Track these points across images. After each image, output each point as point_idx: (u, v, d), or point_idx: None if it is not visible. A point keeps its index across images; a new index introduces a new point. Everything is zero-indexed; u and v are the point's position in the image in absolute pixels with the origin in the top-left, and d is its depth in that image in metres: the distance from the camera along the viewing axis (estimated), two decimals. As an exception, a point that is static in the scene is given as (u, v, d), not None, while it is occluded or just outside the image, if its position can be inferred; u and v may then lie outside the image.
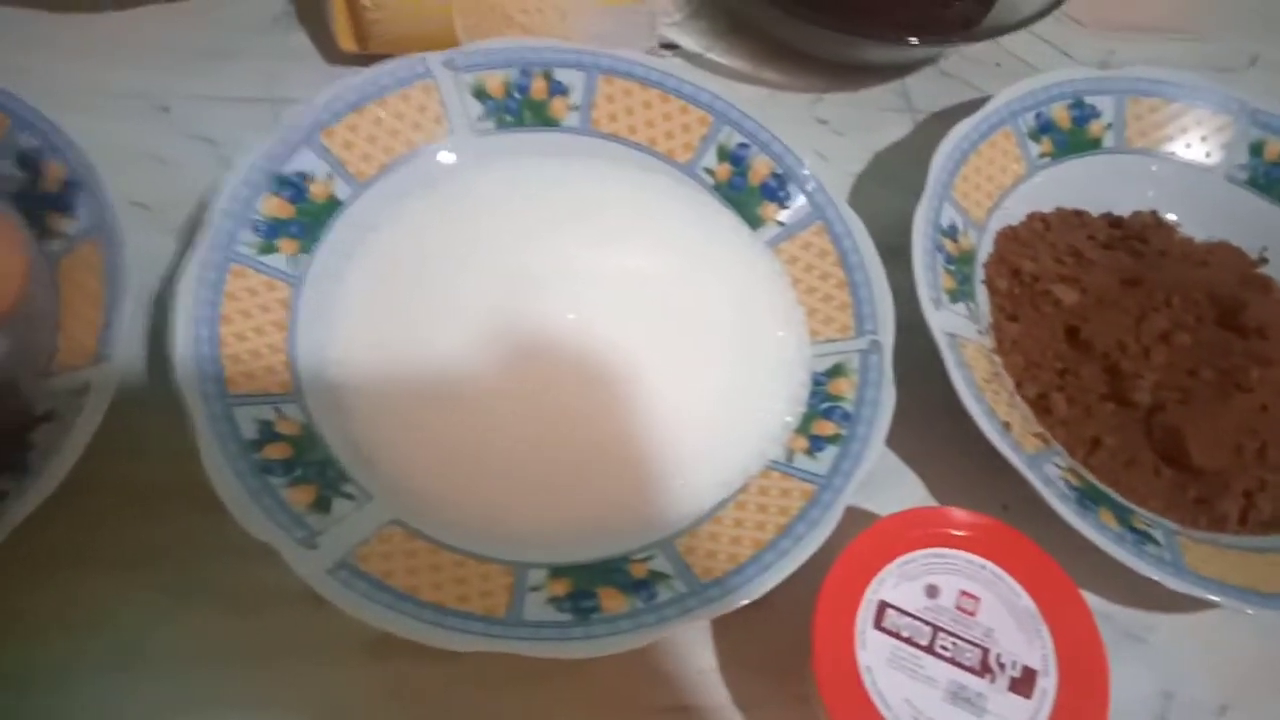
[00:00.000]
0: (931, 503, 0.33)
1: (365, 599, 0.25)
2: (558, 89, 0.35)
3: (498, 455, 0.29)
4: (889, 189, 0.39)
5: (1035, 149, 0.37)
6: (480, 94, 0.35)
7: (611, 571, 0.27)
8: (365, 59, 0.37)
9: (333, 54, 0.38)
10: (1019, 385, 0.33)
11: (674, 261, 0.33)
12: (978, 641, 0.25)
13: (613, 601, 0.26)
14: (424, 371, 0.30)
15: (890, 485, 0.33)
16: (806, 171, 0.34)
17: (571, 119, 0.35)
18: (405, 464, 0.28)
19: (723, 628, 0.29)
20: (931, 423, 0.32)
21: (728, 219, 0.34)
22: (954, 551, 0.26)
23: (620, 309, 0.32)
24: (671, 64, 0.36)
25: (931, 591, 0.26)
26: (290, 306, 0.30)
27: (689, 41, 0.41)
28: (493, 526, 0.28)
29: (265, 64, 0.38)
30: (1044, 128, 0.37)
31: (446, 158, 0.34)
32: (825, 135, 0.41)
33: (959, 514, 0.27)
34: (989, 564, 0.26)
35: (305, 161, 0.32)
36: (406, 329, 0.31)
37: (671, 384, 0.31)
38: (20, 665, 0.26)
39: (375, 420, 0.29)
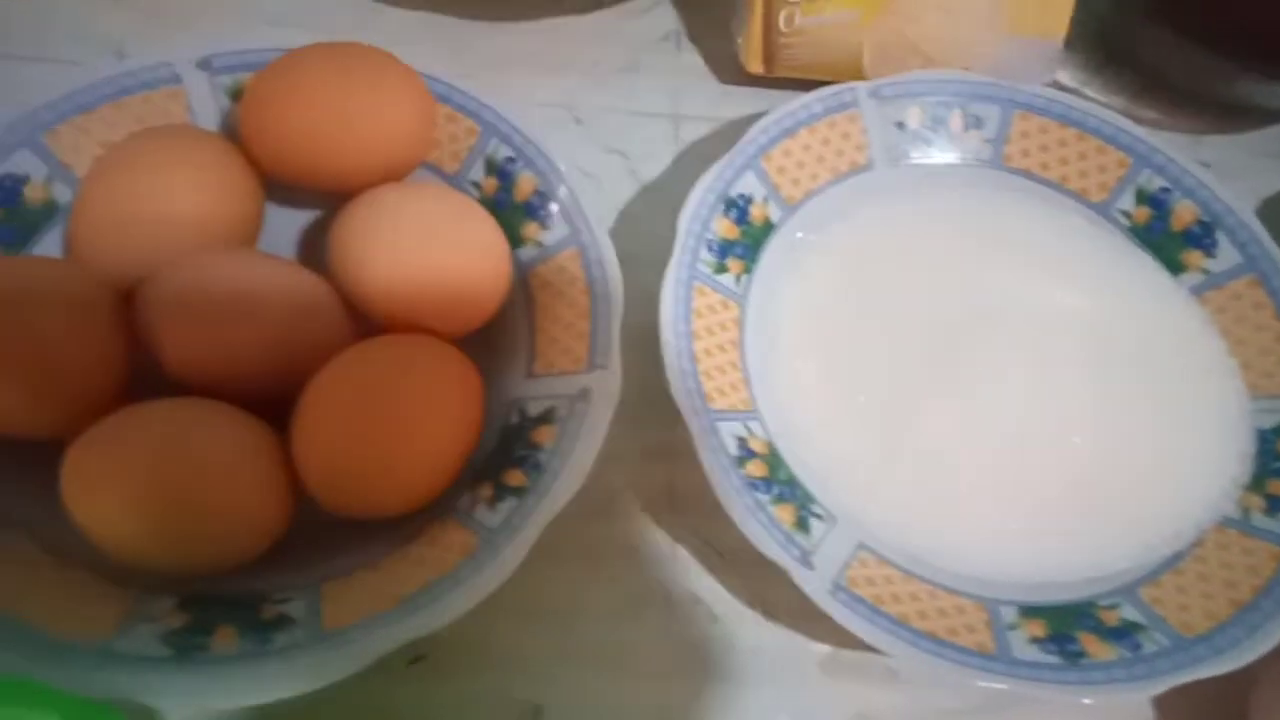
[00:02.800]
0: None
1: (869, 623, 0.25)
2: (973, 122, 0.35)
3: (950, 486, 0.29)
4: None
5: None
6: (900, 124, 0.35)
7: (1082, 616, 0.27)
8: (762, 81, 0.38)
9: (726, 73, 0.39)
10: None
11: (1101, 303, 0.33)
12: None
13: (1097, 648, 0.26)
14: (868, 398, 0.31)
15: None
16: (1239, 220, 0.33)
17: (984, 152, 0.36)
18: (861, 490, 0.29)
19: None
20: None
21: (1147, 263, 0.34)
22: None
23: (1053, 349, 0.31)
24: (1089, 104, 0.35)
25: None
26: (740, 325, 0.31)
27: (1065, 75, 0.41)
28: (954, 560, 0.28)
29: (663, 80, 0.39)
30: None
31: (866, 186, 0.35)
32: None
33: None
34: None
35: (748, 184, 0.33)
36: (844, 357, 0.31)
37: (1109, 428, 0.31)
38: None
39: (826, 445, 0.30)
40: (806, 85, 0.37)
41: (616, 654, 0.28)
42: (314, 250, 0.32)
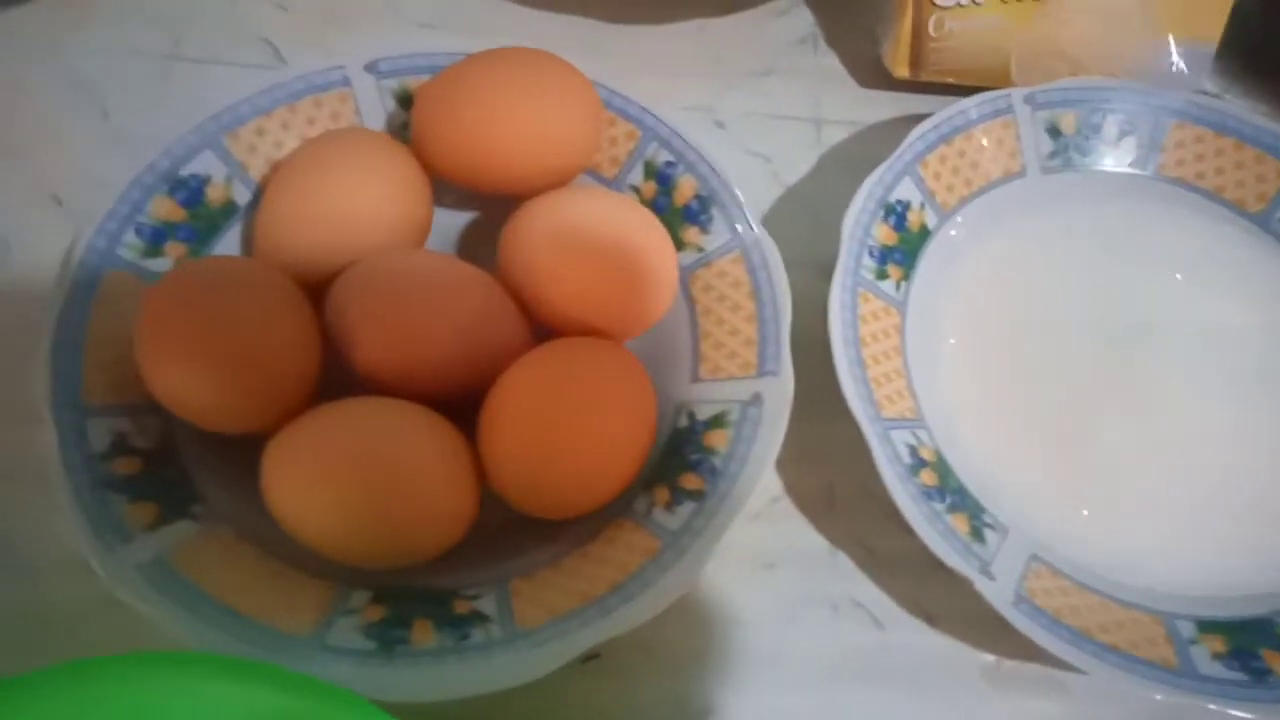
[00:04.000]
0: None
1: (1054, 635, 0.25)
2: (1128, 129, 0.35)
3: (1123, 497, 0.29)
4: None
5: None
6: (1054, 131, 0.35)
7: (1263, 632, 0.27)
8: (901, 85, 0.38)
9: (865, 76, 0.39)
10: None
11: (1266, 315, 0.32)
12: None
13: (1284, 666, 0.26)
14: (1033, 409, 0.31)
15: None
16: None
17: (1139, 160, 0.35)
18: (1030, 500, 0.29)
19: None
20: None
21: (1309, 275, 0.34)
22: None
23: (1221, 360, 0.31)
24: (1246, 111, 0.35)
25: None
26: (901, 333, 0.31)
27: (1214, 80, 0.40)
28: (1126, 573, 0.28)
29: (802, 83, 0.39)
30: None
31: (1020, 193, 0.34)
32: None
33: None
34: None
35: (905, 190, 0.33)
36: (1006, 367, 0.31)
37: (1270, 444, 0.30)
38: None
39: (991, 454, 0.30)
40: (947, 90, 0.38)
41: (779, 657, 0.29)
42: (474, 251, 0.33)
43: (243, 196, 0.31)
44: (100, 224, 0.28)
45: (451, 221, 0.33)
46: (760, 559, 0.30)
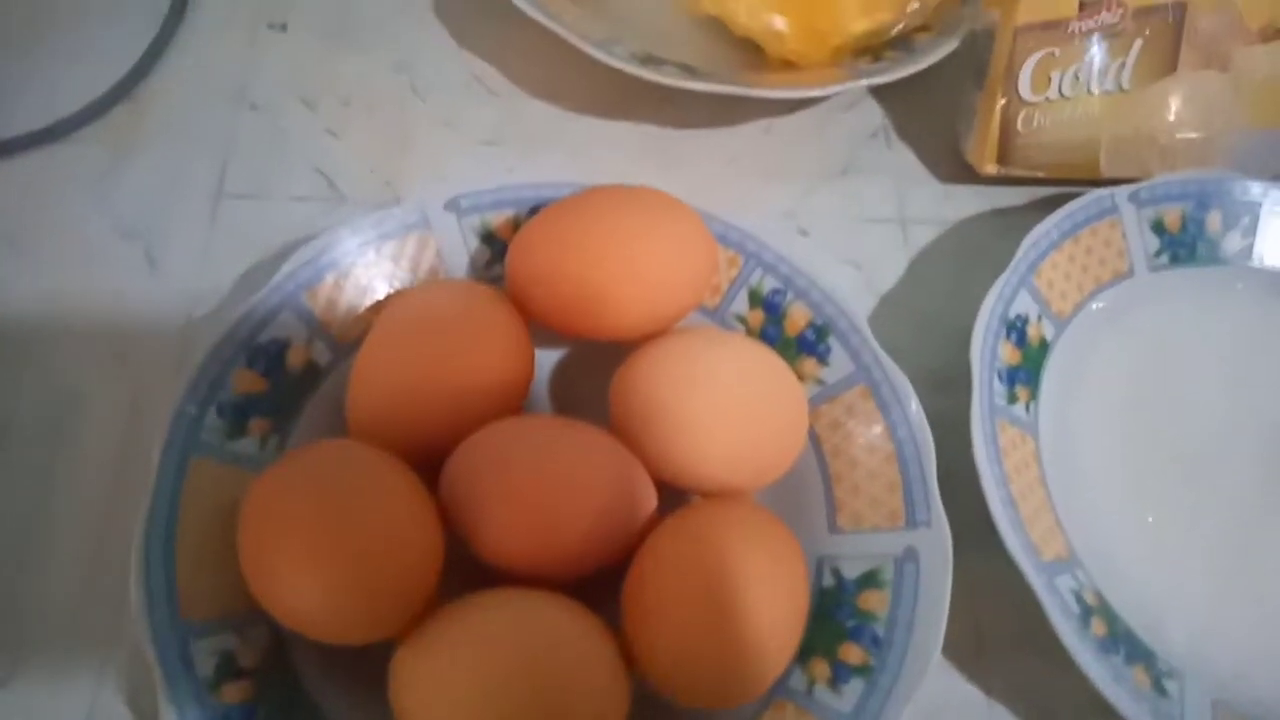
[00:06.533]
0: None
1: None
2: (1231, 222, 0.34)
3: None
4: None
5: None
6: (1159, 228, 0.34)
7: None
8: (981, 178, 0.37)
9: (945, 170, 0.38)
10: None
11: None
12: None
13: None
14: (1189, 528, 0.29)
15: None
16: None
17: (1242, 254, 0.34)
18: (1202, 636, 0.27)
19: None
20: None
21: None
22: None
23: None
24: (1348, 195, 0.34)
25: None
26: (1039, 461, 0.29)
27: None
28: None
29: (882, 181, 0.37)
30: None
31: (1131, 294, 0.33)
32: None
33: None
34: None
35: (1023, 304, 0.31)
36: (1152, 483, 0.30)
37: None
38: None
39: (1149, 585, 0.28)
40: (1030, 180, 0.36)
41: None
42: (568, 392, 0.31)
43: (323, 356, 0.28)
44: (179, 406, 0.26)
45: (540, 359, 0.31)
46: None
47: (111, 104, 0.35)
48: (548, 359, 0.31)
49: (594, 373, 0.29)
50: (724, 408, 0.26)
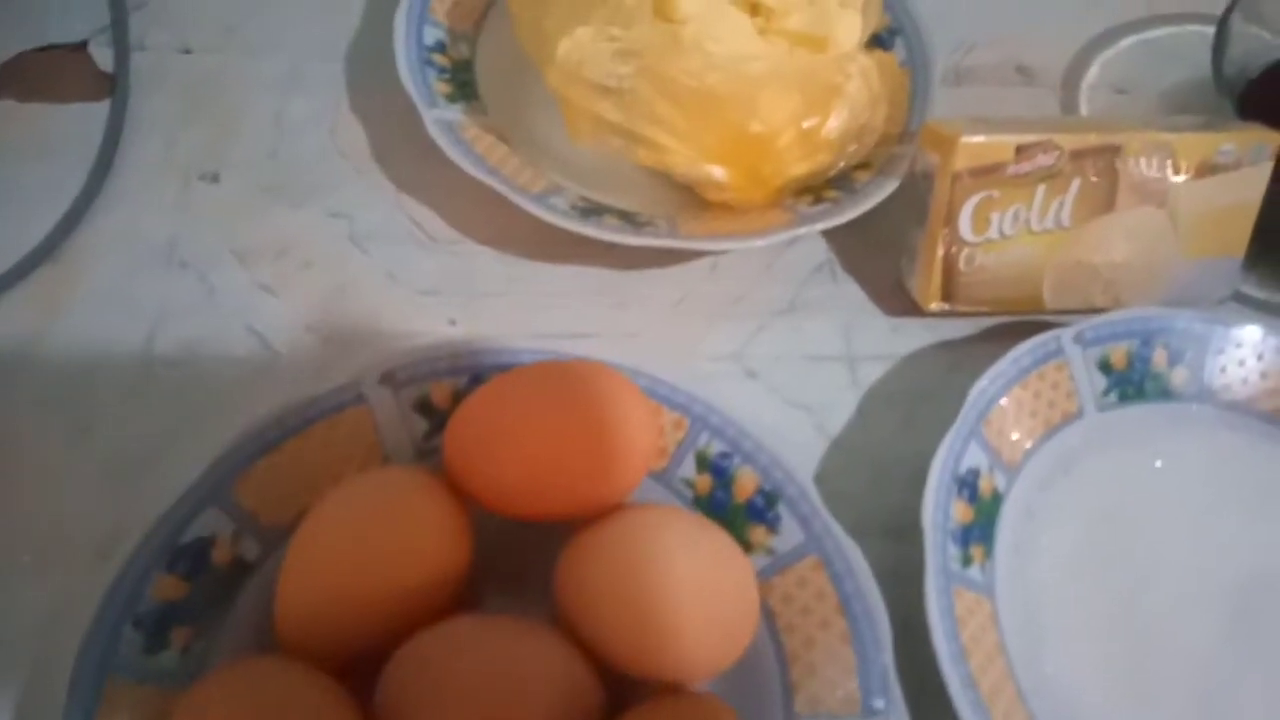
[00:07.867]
0: None
1: None
2: (1176, 357, 0.34)
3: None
4: None
5: None
6: (1105, 367, 0.33)
7: None
8: (929, 311, 0.37)
9: (890, 305, 0.38)
10: None
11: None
12: None
13: None
14: (1161, 696, 0.28)
15: None
16: None
17: (1190, 388, 0.34)
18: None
19: None
20: None
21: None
22: None
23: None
24: (1289, 326, 0.34)
25: None
26: (997, 624, 0.29)
27: (1250, 287, 0.39)
28: None
29: (828, 318, 0.37)
30: None
31: (1080, 436, 0.33)
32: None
33: None
34: None
35: (973, 456, 0.31)
36: (1120, 645, 0.29)
37: None
38: None
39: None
40: (975, 317, 0.36)
41: None
42: (506, 565, 0.29)
43: (251, 551, 0.27)
44: (94, 624, 0.24)
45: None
46: None
47: (35, 265, 0.34)
48: (491, 525, 0.30)
49: (540, 543, 0.28)
50: (669, 601, 0.25)
